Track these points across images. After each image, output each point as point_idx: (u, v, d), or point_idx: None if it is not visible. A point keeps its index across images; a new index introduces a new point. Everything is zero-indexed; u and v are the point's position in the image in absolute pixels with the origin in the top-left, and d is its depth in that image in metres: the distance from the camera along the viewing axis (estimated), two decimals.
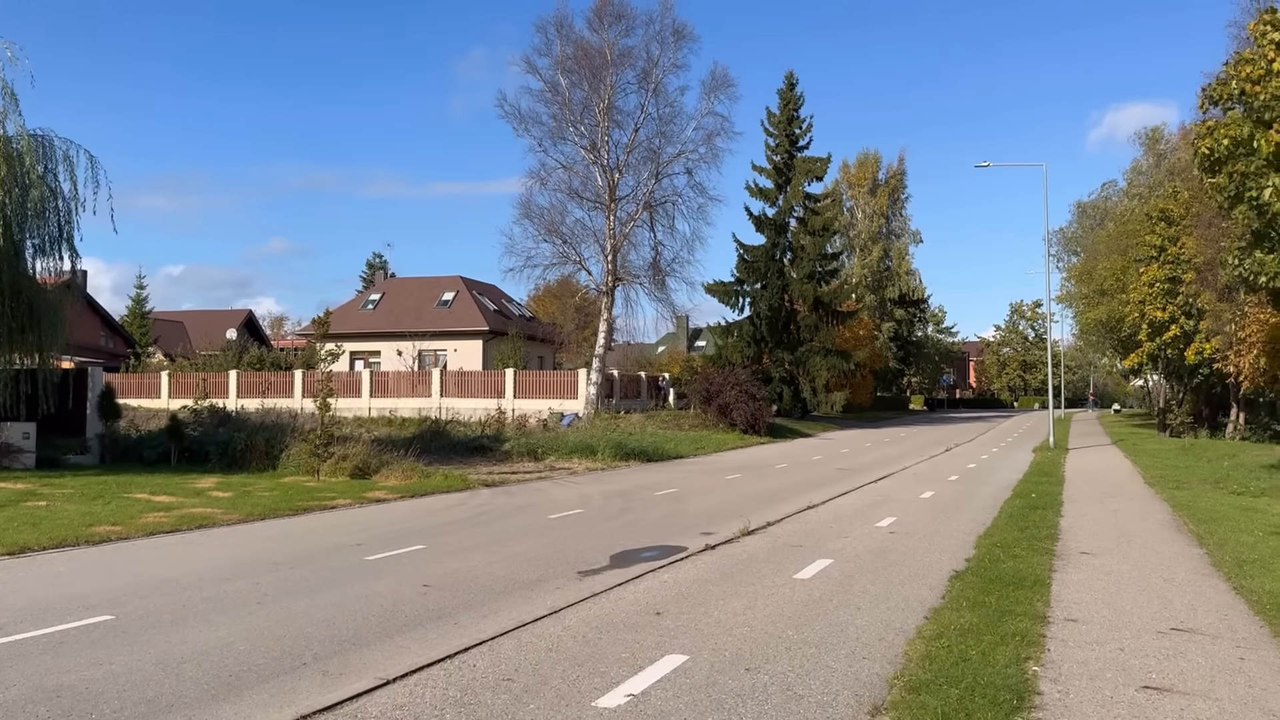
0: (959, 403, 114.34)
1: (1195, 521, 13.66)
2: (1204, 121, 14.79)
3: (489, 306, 54.43)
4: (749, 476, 22.69)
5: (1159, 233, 38.82)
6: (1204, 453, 30.38)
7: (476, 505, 16.29)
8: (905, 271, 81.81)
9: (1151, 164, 56.98)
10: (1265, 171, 13.42)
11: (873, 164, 79.92)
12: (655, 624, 7.40)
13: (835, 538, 12.24)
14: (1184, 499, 16.94)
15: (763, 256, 53.09)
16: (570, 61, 39.97)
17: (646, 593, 8.67)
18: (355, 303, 56.07)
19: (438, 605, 8.34)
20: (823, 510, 15.44)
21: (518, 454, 26.18)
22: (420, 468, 20.00)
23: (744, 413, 39.77)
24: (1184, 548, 11.65)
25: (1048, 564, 10.18)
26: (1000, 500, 16.77)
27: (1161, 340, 38.15)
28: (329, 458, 19.37)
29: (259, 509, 14.82)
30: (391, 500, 16.70)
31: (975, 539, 11.97)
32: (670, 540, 12.24)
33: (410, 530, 13.09)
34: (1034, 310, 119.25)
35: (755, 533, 12.62)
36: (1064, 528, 13.22)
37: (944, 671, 6.02)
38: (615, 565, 10.42)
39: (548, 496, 17.83)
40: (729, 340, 52.94)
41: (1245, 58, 14.27)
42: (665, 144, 41.35)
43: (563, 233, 40.77)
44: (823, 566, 10.02)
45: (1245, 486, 20.03)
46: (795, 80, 55.50)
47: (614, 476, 22.51)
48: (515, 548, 11.61)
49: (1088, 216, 61.46)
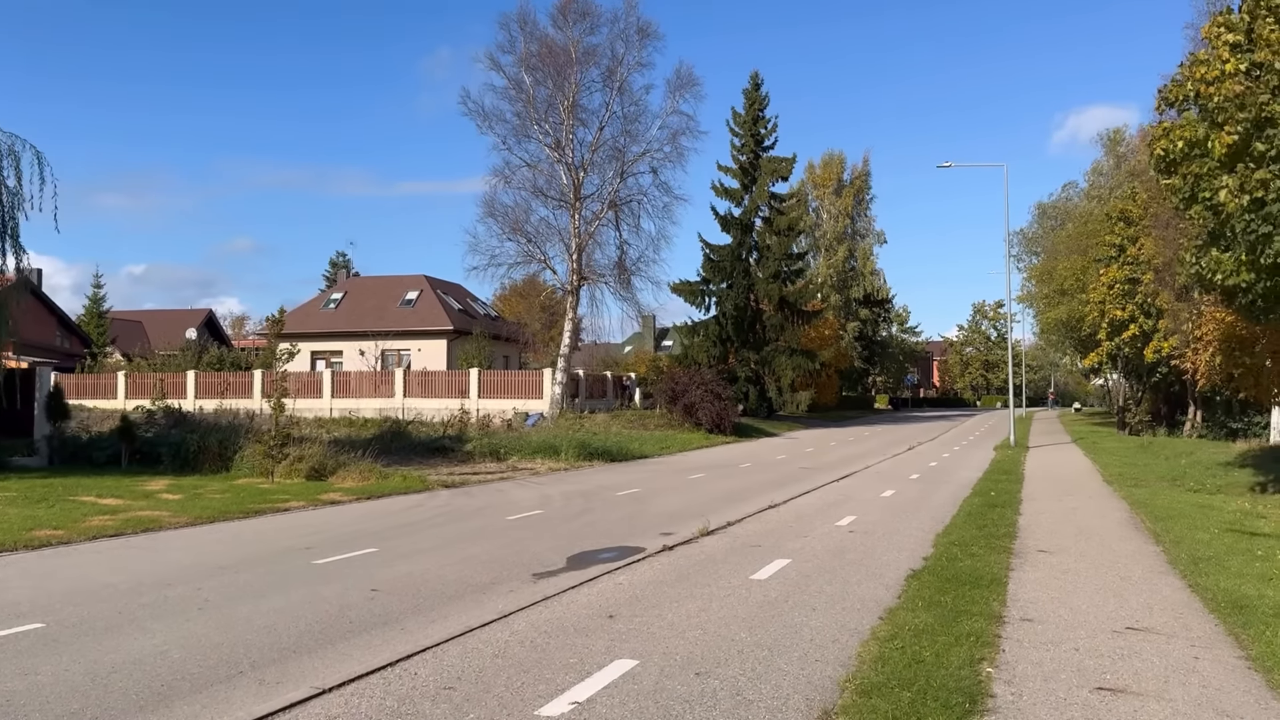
0: (923, 402, 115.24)
1: (1152, 519, 13.72)
2: (1160, 123, 14.87)
3: (453, 306, 53.97)
4: (713, 476, 22.59)
5: (1118, 233, 39.25)
6: (1162, 451, 30.74)
7: (434, 507, 16.03)
8: (870, 271, 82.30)
9: (1112, 165, 57.72)
10: (1218, 173, 13.50)
11: (838, 165, 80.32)
12: (607, 628, 7.23)
13: (795, 537, 12.14)
14: (1142, 497, 17.06)
15: (729, 256, 53.10)
16: (534, 59, 39.71)
17: (600, 595, 8.51)
18: (316, 302, 55.38)
19: (385, 610, 8.12)
20: (784, 510, 15.35)
21: (480, 454, 25.91)
22: (378, 469, 19.70)
23: (709, 412, 39.71)
24: (1141, 545, 11.68)
25: (1005, 562, 10.14)
26: (960, 499, 16.79)
27: (1120, 339, 38.58)
28: (284, 459, 19.02)
29: (208, 512, 14.48)
30: (347, 502, 16.40)
31: (934, 537, 11.93)
32: (629, 541, 12.08)
33: (363, 533, 12.83)
34: (996, 310, 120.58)
35: (715, 533, 12.50)
36: (1022, 526, 13.22)
37: (897, 674, 5.91)
38: (572, 567, 10.24)
39: (508, 497, 17.61)
40: (695, 340, 52.90)
41: (1200, 59, 14.35)
42: (630, 143, 41.23)
43: (527, 231, 40.49)
44: (780, 567, 9.90)
45: (1201, 484, 20.26)
46: (760, 80, 55.63)
47: (577, 476, 22.32)
48: (470, 550, 11.40)
49: (1048, 217, 62.13)
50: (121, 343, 68.17)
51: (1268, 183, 12.65)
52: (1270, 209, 12.66)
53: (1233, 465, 24.35)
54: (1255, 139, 12.82)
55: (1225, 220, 13.39)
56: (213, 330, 77.58)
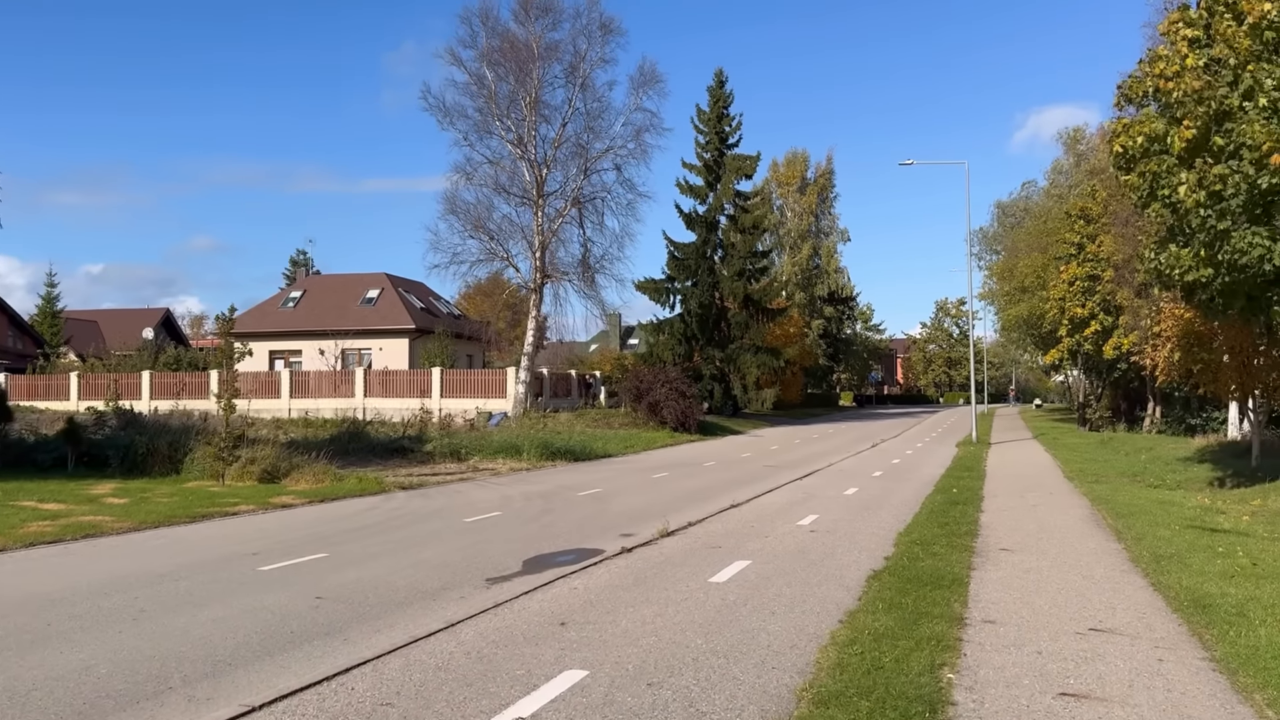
0: (887, 399, 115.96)
1: (1114, 516, 13.69)
2: (1119, 120, 14.85)
3: (416, 304, 53.37)
4: (676, 475, 22.39)
5: (1078, 231, 39.55)
6: (1122, 446, 30.98)
7: (389, 509, 15.67)
8: (834, 269, 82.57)
9: (1072, 164, 58.24)
10: (1177, 169, 13.48)
11: (801, 163, 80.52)
12: (558, 636, 6.97)
13: (756, 538, 11.95)
14: (1103, 493, 17.07)
15: (693, 254, 52.96)
16: (496, 54, 39.27)
17: (554, 601, 8.24)
18: (274, 300, 54.50)
19: (329, 619, 7.80)
20: (745, 509, 15.16)
21: (440, 455, 25.53)
22: (333, 471, 19.27)
23: (674, 410, 39.53)
24: (1103, 543, 11.61)
25: (967, 561, 10.00)
26: (922, 496, 16.70)
27: (1081, 336, 38.87)
28: (235, 461, 18.55)
29: (154, 516, 14.02)
30: (299, 505, 15.99)
31: (895, 536, 11.78)
32: (588, 543, 11.83)
33: (314, 537, 12.46)
34: (958, 308, 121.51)
35: (675, 534, 12.27)
36: (984, 523, 13.13)
37: (855, 681, 5.70)
38: (527, 571, 9.97)
39: (466, 499, 17.28)
40: (660, 338, 52.71)
41: (1159, 54, 14.34)
42: (594, 139, 40.92)
43: (489, 229, 40.06)
44: (740, 569, 9.69)
45: (1161, 479, 20.35)
46: (725, 78, 55.54)
47: (538, 477, 22.02)
48: (423, 554, 11.09)
49: (1008, 215, 62.66)
50: (76, 343, 66.84)
51: (1226, 178, 12.64)
52: (1228, 204, 12.65)
53: (1191, 461, 24.53)
54: (1214, 133, 12.81)
55: (1184, 216, 13.38)
56: (170, 330, 76.21)
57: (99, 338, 69.81)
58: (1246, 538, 11.71)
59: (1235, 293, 14.29)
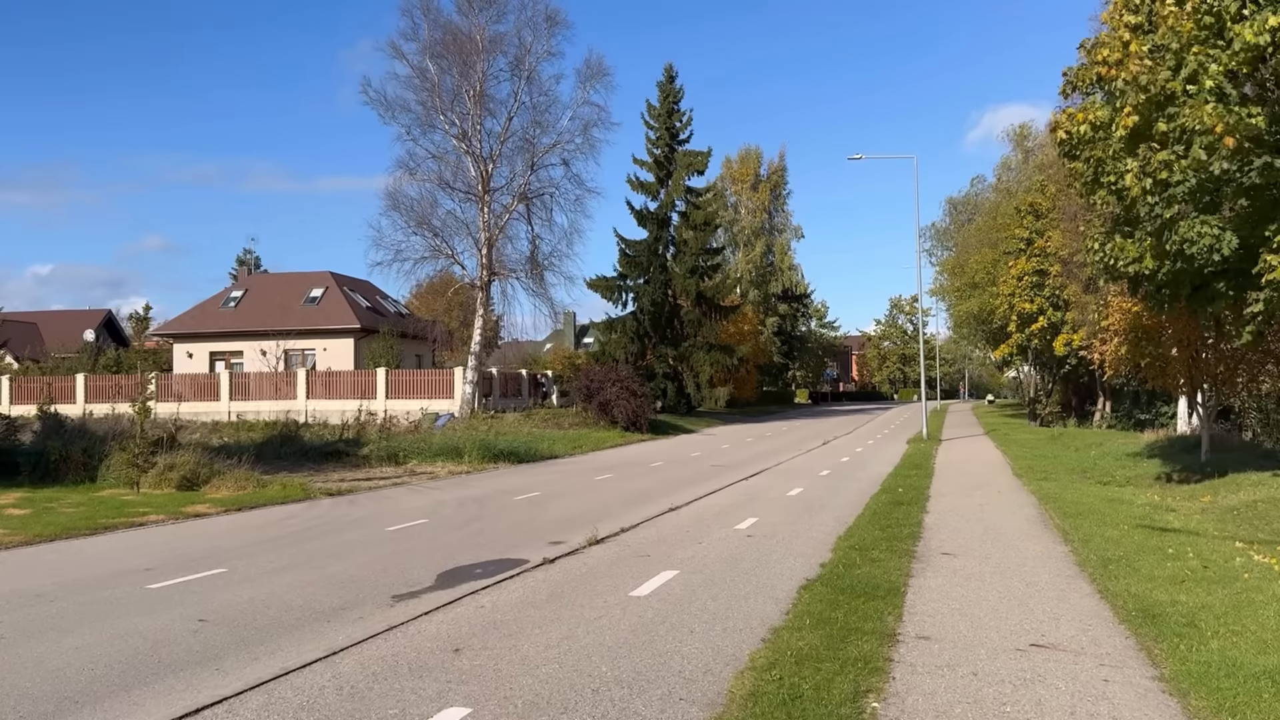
0: (842, 396, 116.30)
1: (1061, 515, 13.26)
2: (1065, 109, 14.46)
3: (361, 303, 52.16)
4: (621, 476, 21.74)
5: (1027, 226, 39.55)
6: (1072, 442, 30.88)
7: (310, 518, 14.84)
8: (788, 267, 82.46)
9: (1020, 160, 58.51)
10: (1122, 155, 13.09)
11: (754, 159, 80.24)
12: (447, 665, 6.27)
13: (689, 544, 11.33)
14: (1051, 491, 16.70)
15: (645, 251, 52.36)
16: (439, 46, 38.34)
17: (455, 623, 7.54)
18: (215, 300, 52.97)
19: (206, 646, 7.05)
20: (684, 512, 14.55)
21: (377, 458, 24.64)
22: (256, 477, 18.35)
23: (625, 410, 38.90)
24: (1049, 545, 11.14)
25: (905, 568, 9.46)
26: (867, 496, 16.21)
27: (1030, 331, 38.86)
28: (150, 468, 17.58)
29: (52, 529, 13.09)
30: (214, 515, 15.10)
31: (835, 541, 11.23)
32: (513, 552, 11.14)
33: (219, 550, 11.63)
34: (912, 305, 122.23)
35: (604, 541, 11.61)
36: (928, 525, 12.63)
37: (769, 715, 5.09)
38: (440, 586, 9.25)
39: (396, 505, 16.49)
40: (612, 336, 52.04)
41: (1102, 40, 13.96)
42: (541, 134, 40.15)
43: (434, 225, 39.15)
44: (665, 580, 9.05)
45: (1110, 476, 20.09)
46: (675, 73, 55.01)
47: (477, 480, 21.26)
48: (333, 568, 10.32)
49: (959, 211, 62.84)
50: (14, 345, 64.75)
51: (1171, 164, 12.26)
52: (1174, 191, 12.26)
53: (1140, 456, 24.37)
54: (1158, 119, 12.42)
55: (1130, 205, 12.99)
56: (112, 332, 74.13)
57: (38, 340, 67.71)
58: (1197, 537, 11.33)
59: (1182, 283, 13.95)
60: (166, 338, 54.25)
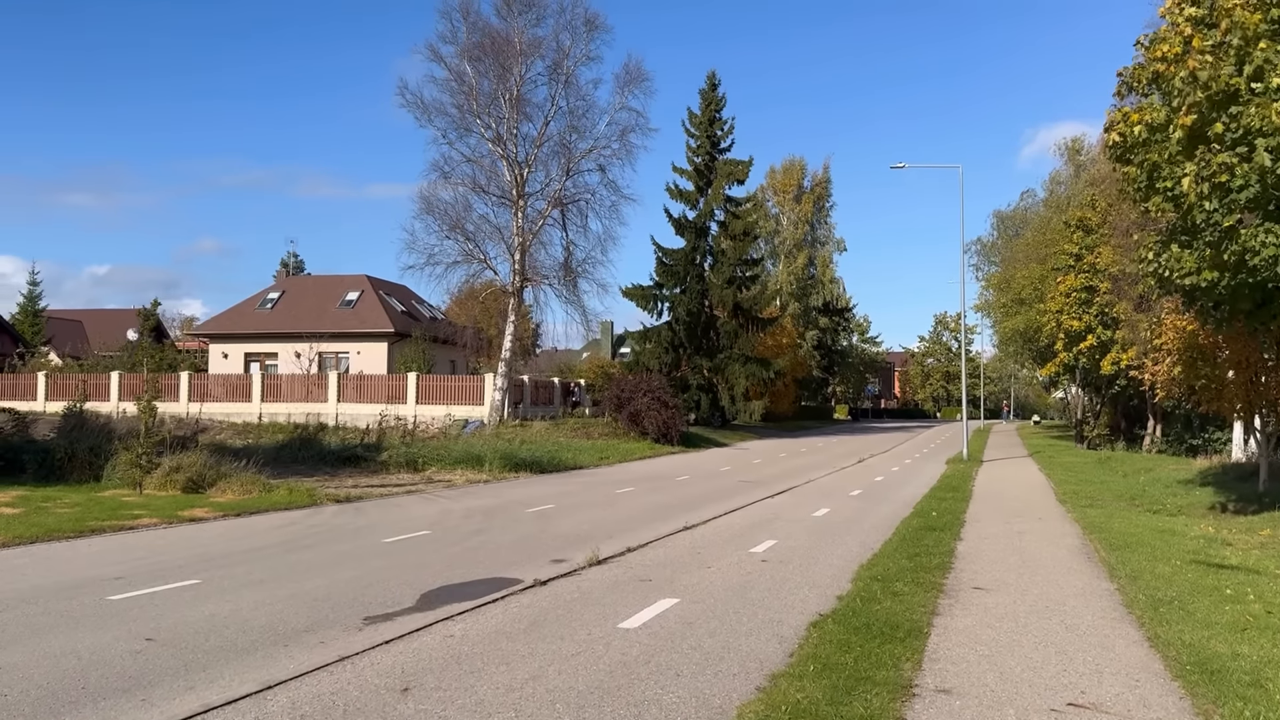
0: (883, 413, 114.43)
1: (1107, 547, 12.21)
2: (1118, 108, 13.44)
3: (396, 307, 51.90)
4: (642, 490, 20.93)
5: (1076, 241, 38.11)
6: (1120, 466, 29.51)
7: (309, 526, 14.20)
8: (829, 280, 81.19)
9: (1071, 174, 56.94)
10: (1179, 159, 12.06)
11: (798, 171, 79.16)
12: (387, 710, 5.48)
13: (696, 568, 10.47)
14: (1097, 519, 15.60)
15: (682, 260, 51.56)
16: (477, 49, 37.96)
17: (415, 654, 6.77)
18: (252, 302, 52.99)
19: (142, 671, 6.36)
20: (699, 532, 13.69)
21: (395, 465, 24.05)
22: (263, 481, 17.79)
23: (655, 421, 38.10)
24: (1092, 581, 10.13)
25: (931, 604, 8.53)
26: (898, 519, 15.22)
27: (1077, 350, 37.40)
28: (154, 468, 17.09)
29: (36, 530, 12.56)
30: (210, 519, 14.52)
31: (856, 569, 10.31)
32: (508, 570, 10.37)
33: (201, 558, 11.00)
34: (957, 322, 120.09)
35: (606, 562, 10.79)
36: (960, 554, 11.65)
37: None
38: (418, 607, 8.51)
39: (401, 514, 15.82)
40: (646, 346, 51.27)
41: (1160, 36, 12.95)
42: (577, 139, 39.58)
43: (467, 229, 38.68)
44: (661, 610, 8.22)
45: (1161, 504, 18.90)
46: (717, 80, 54.26)
47: (493, 490, 20.56)
48: (312, 583, 9.62)
49: (1007, 226, 61.32)
50: (59, 342, 65.63)
51: (1232, 167, 11.21)
52: (1235, 196, 11.21)
53: (1193, 483, 23.06)
54: (1218, 119, 11.38)
55: (1187, 212, 11.95)
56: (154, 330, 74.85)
57: (82, 338, 68.57)
58: (1258, 576, 10.26)
59: (1242, 298, 12.86)
60: (203, 337, 54.40)
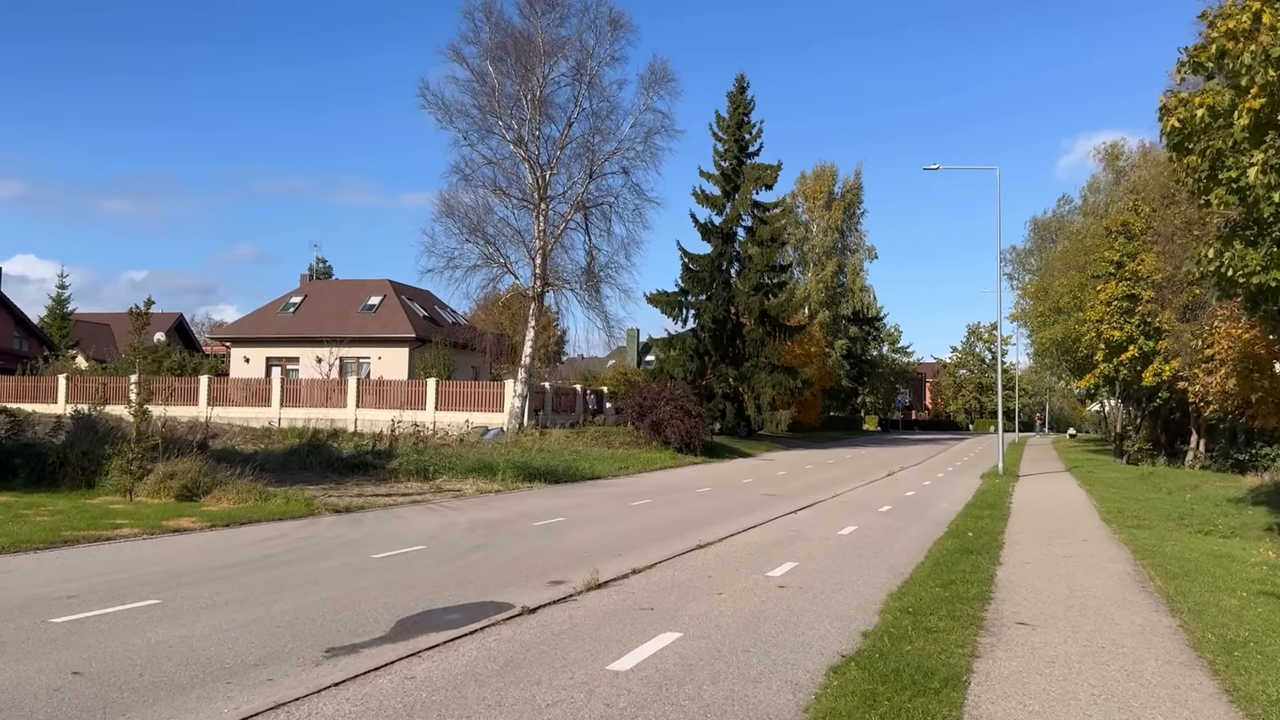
0: (914, 424, 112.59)
1: (1163, 576, 11.07)
2: (1175, 93, 12.32)
3: (419, 313, 51.27)
4: (659, 503, 19.94)
5: (1117, 248, 36.75)
6: (1164, 483, 28.13)
7: (299, 538, 13.34)
8: (859, 288, 79.82)
9: (1110, 181, 55.42)
10: (1245, 147, 10.94)
11: (829, 177, 77.90)
12: None
13: (705, 595, 9.47)
14: (1147, 542, 14.41)
15: (708, 266, 50.56)
16: (499, 50, 37.20)
17: (364, 701, 5.82)
18: (274, 306, 52.57)
19: (51, 714, 5.49)
20: (713, 551, 12.67)
21: (405, 473, 23.20)
22: (260, 489, 16.98)
23: (678, 430, 37.09)
24: (1151, 616, 9.02)
25: (971, 644, 7.48)
26: (931, 539, 14.12)
27: (1118, 361, 36.00)
28: (145, 475, 16.34)
29: (6, 540, 11.75)
30: (196, 530, 13.69)
31: (884, 599, 9.26)
32: (500, 593, 9.44)
33: (170, 574, 10.14)
34: (990, 332, 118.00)
35: (606, 585, 9.81)
36: (1000, 581, 10.56)
37: None
38: (390, 637, 7.59)
39: (401, 527, 14.93)
40: (671, 354, 50.29)
41: (1227, 11, 11.80)
42: (601, 141, 38.70)
43: (487, 233, 37.89)
44: (660, 647, 7.22)
45: (1212, 524, 17.66)
46: (746, 83, 53.24)
47: (503, 501, 19.65)
48: (281, 605, 8.72)
49: (1043, 234, 59.81)
50: (85, 345, 65.70)
51: None
52: None
53: (1244, 502, 21.73)
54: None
55: (1254, 204, 10.83)
56: (183, 335, 74.88)
57: (109, 341, 68.63)
58: None
59: None
60: (225, 341, 54.10)
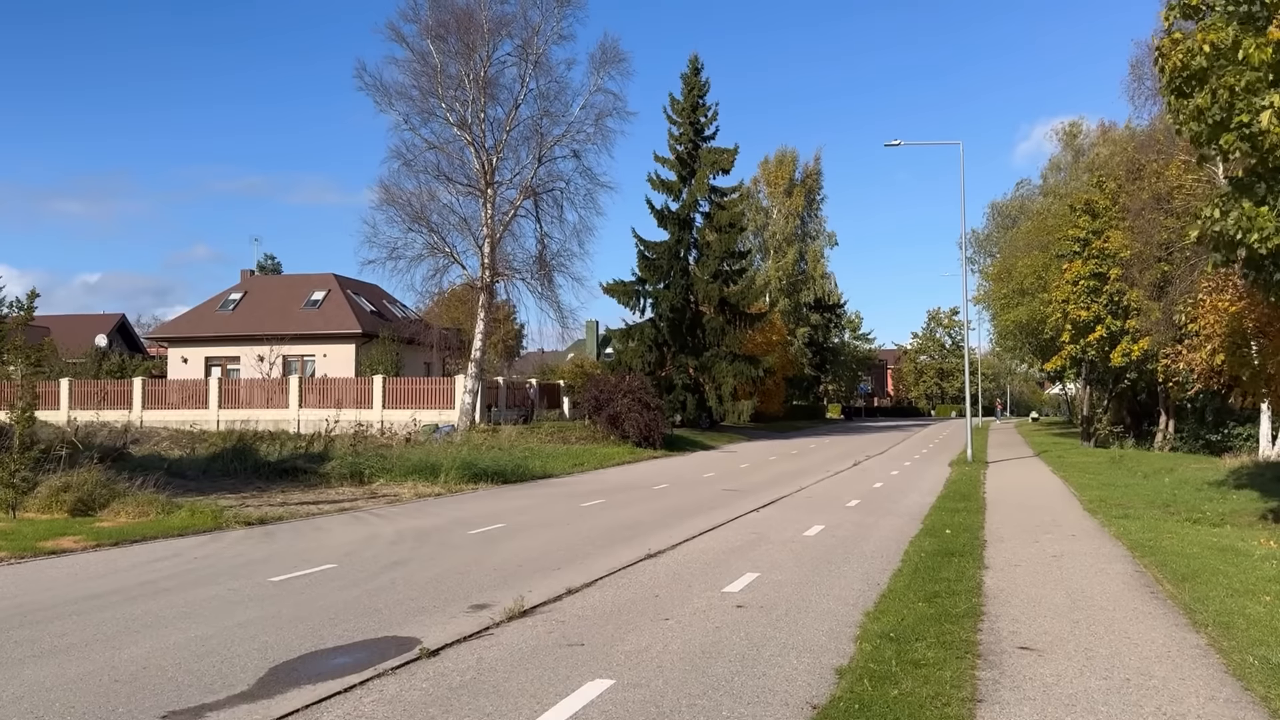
0: (877, 411, 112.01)
1: (1171, 577, 9.78)
2: (1169, 33, 11.02)
3: (366, 307, 49.31)
4: (613, 503, 18.48)
5: (1082, 226, 35.81)
6: (1137, 466, 27.16)
7: (192, 558, 11.69)
8: (821, 275, 78.74)
9: (1070, 160, 54.78)
10: (1259, 88, 9.66)
11: (790, 162, 76.66)
12: None
13: (649, 621, 7.99)
14: (1139, 535, 13.17)
15: (665, 254, 49.08)
16: (440, 28, 35.36)
17: None
18: (213, 303, 50.28)
19: None
20: (664, 561, 11.21)
21: (339, 477, 21.47)
22: (164, 501, 15.26)
23: (636, 423, 35.64)
24: (1171, 631, 7.68)
25: (968, 681, 6.07)
26: (906, 538, 12.77)
27: (1085, 342, 35.07)
28: (32, 488, 14.57)
29: None
30: (76, 551, 11.99)
31: (860, 620, 7.84)
32: (405, 626, 7.93)
33: (15, 612, 8.49)
34: (950, 318, 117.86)
35: (533, 612, 8.31)
36: (990, 590, 9.20)
37: None
38: (251, 694, 6.07)
39: (317, 541, 13.30)
40: (629, 345, 48.76)
41: None
42: (549, 123, 36.99)
43: (431, 221, 36.11)
44: (583, 703, 5.72)
45: (1199, 511, 16.55)
46: (700, 65, 51.75)
47: (442, 506, 18.07)
48: (132, 650, 7.15)
49: (1003, 217, 59.11)
50: None
51: None
52: None
53: (1225, 485, 20.72)
54: None
55: (1267, 153, 9.54)
56: (125, 337, 72.07)
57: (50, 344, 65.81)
58: None
59: None
60: (162, 341, 51.80)
